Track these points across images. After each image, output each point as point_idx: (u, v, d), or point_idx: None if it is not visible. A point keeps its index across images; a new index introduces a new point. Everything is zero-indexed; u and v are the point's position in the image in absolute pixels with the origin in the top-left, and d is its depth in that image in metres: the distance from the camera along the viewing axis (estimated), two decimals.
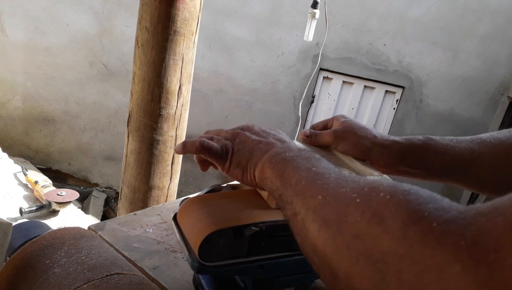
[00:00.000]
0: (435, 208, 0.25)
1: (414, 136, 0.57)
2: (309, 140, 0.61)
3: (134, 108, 1.31)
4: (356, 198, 0.31)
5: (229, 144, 0.48)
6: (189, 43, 1.26)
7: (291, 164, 0.40)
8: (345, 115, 0.62)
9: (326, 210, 0.32)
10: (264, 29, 2.94)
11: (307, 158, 0.41)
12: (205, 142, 0.47)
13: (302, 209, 0.34)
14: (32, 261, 0.46)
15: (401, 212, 0.26)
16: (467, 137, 0.57)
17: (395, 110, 3.14)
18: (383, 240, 0.26)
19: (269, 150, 0.44)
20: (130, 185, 1.38)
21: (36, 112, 3.18)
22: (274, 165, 0.41)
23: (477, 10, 2.82)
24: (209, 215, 0.43)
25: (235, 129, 0.50)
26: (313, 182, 0.36)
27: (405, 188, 0.29)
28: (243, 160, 0.46)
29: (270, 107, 3.13)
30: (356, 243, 0.28)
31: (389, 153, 0.55)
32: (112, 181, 3.37)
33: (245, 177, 0.46)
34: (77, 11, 2.91)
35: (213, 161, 0.48)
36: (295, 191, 0.37)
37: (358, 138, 0.56)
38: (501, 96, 2.99)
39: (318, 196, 0.34)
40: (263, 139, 0.47)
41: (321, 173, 0.37)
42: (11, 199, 1.78)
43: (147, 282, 0.46)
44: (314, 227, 0.32)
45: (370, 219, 0.28)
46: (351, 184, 0.33)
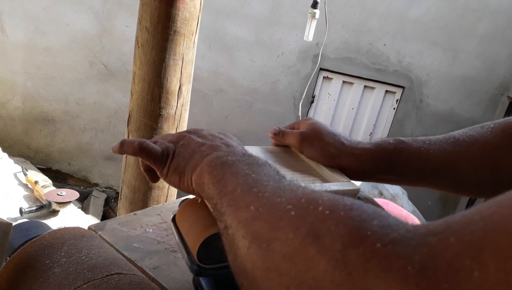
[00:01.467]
0: (380, 225, 0.22)
1: (385, 140, 0.53)
2: (275, 138, 0.58)
3: (134, 108, 1.31)
4: (290, 211, 0.27)
5: (171, 147, 0.44)
6: (189, 43, 1.26)
7: (230, 169, 0.36)
8: (313, 118, 0.58)
9: (257, 224, 0.28)
10: (264, 29, 2.95)
11: (249, 163, 0.37)
12: (144, 143, 0.43)
13: (233, 222, 0.30)
14: (32, 261, 0.46)
15: (342, 231, 0.23)
16: (440, 136, 0.54)
17: (395, 110, 3.14)
18: (317, 263, 0.22)
19: (210, 153, 0.40)
20: (130, 185, 1.38)
21: (36, 112, 3.18)
22: (213, 169, 0.37)
23: (477, 10, 2.82)
24: (207, 217, 0.43)
25: (182, 132, 0.46)
26: (249, 190, 0.32)
27: (346, 203, 0.25)
28: (182, 164, 0.41)
29: (270, 107, 3.13)
30: (287, 266, 0.24)
31: (358, 161, 0.52)
32: (112, 181, 3.37)
33: (182, 183, 0.41)
34: (77, 11, 2.91)
35: (152, 166, 0.44)
36: (230, 200, 0.32)
37: (325, 144, 0.52)
38: (501, 96, 2.99)
39: (251, 207, 0.29)
40: (207, 142, 0.42)
41: (260, 180, 0.33)
42: (11, 199, 1.78)
43: (147, 282, 0.46)
44: (244, 244, 0.28)
45: (304, 237, 0.24)
46: (288, 193, 0.29)
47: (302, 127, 0.57)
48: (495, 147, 0.50)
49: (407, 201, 1.97)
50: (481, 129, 0.53)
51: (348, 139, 0.54)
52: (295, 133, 0.55)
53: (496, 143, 0.51)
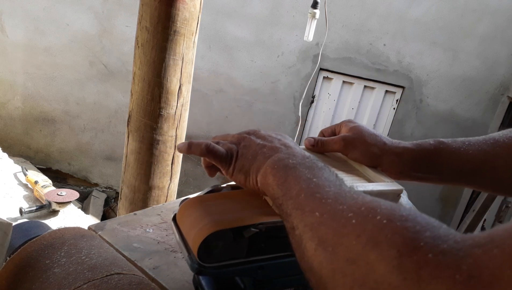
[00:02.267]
0: (432, 237, 0.24)
1: (425, 141, 0.56)
2: (315, 149, 0.59)
3: (134, 108, 1.31)
4: (352, 219, 0.29)
5: (234, 148, 0.47)
6: (189, 43, 1.26)
7: (293, 172, 0.39)
8: (353, 120, 0.60)
9: (322, 229, 0.31)
10: (264, 29, 2.94)
11: (309, 167, 0.39)
12: (210, 145, 0.46)
13: (300, 225, 0.33)
14: (32, 261, 0.46)
15: (397, 240, 0.25)
16: (479, 138, 0.56)
17: (395, 110, 3.14)
18: (377, 268, 0.25)
19: (272, 155, 0.43)
20: (130, 185, 1.38)
21: (36, 112, 3.18)
22: (276, 171, 0.40)
23: (477, 10, 2.82)
24: (208, 216, 0.43)
25: (241, 133, 0.49)
26: (312, 195, 0.35)
27: (403, 213, 0.27)
28: (246, 165, 0.45)
29: (270, 107, 3.13)
30: (351, 268, 0.27)
31: (400, 160, 0.54)
32: (112, 181, 3.37)
33: (247, 182, 0.45)
34: (77, 11, 2.91)
35: (218, 165, 0.47)
36: (295, 203, 0.35)
37: (368, 146, 0.55)
38: (501, 96, 2.99)
39: (316, 213, 0.32)
40: (267, 144, 0.46)
41: (322, 185, 0.36)
42: (11, 199, 1.78)
43: (147, 282, 0.46)
44: (311, 246, 0.31)
45: (365, 243, 0.27)
46: (349, 201, 0.32)
47: (343, 131, 0.58)
48: None
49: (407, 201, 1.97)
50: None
51: (390, 139, 0.56)
52: (336, 140, 0.57)
53: None
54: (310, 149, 0.59)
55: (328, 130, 0.62)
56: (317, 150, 0.59)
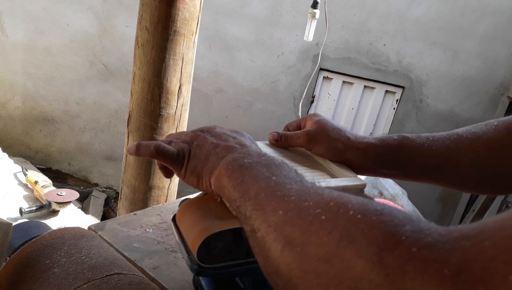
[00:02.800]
0: (412, 230, 0.23)
1: (389, 136, 0.55)
2: (278, 144, 0.57)
3: (134, 108, 1.31)
4: (320, 215, 0.27)
5: (186, 148, 0.44)
6: (189, 43, 1.26)
7: (249, 172, 0.36)
8: (318, 113, 0.58)
9: (288, 228, 0.29)
10: (264, 29, 2.94)
11: (267, 165, 0.37)
12: (160, 145, 0.43)
13: (262, 226, 0.31)
14: (32, 261, 0.46)
15: (376, 235, 0.24)
16: (443, 133, 0.55)
17: (395, 110, 3.14)
18: (355, 265, 0.23)
19: (226, 155, 0.40)
20: (130, 185, 1.38)
21: (36, 112, 3.18)
22: (231, 172, 0.38)
23: (477, 10, 2.82)
24: (208, 217, 0.43)
25: (195, 131, 0.47)
26: (273, 194, 0.33)
27: (377, 207, 0.26)
28: (198, 166, 0.42)
29: (270, 107, 3.13)
30: (324, 267, 0.25)
31: (364, 156, 0.53)
32: (112, 181, 3.37)
33: (200, 185, 0.42)
34: (77, 11, 2.91)
35: (169, 167, 0.44)
36: (254, 204, 0.33)
37: (331, 141, 0.53)
38: (501, 96, 2.99)
39: (279, 211, 0.30)
40: (221, 143, 0.43)
41: (282, 183, 0.34)
42: (11, 199, 1.78)
43: (147, 282, 0.46)
44: (276, 247, 0.29)
45: (339, 240, 0.25)
46: (314, 197, 0.30)
47: (308, 125, 0.57)
48: (498, 144, 0.51)
49: (407, 201, 1.97)
50: (485, 126, 0.54)
51: (353, 134, 0.55)
52: (300, 134, 0.55)
53: (499, 140, 0.51)
54: (273, 144, 0.57)
55: (293, 124, 0.60)
56: (280, 145, 0.57)
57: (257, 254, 0.32)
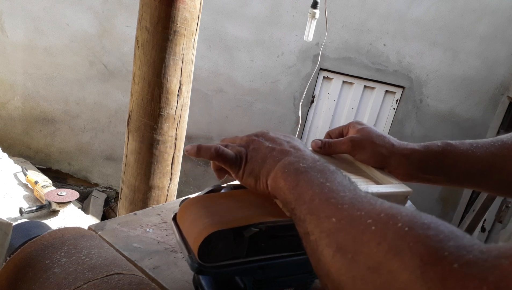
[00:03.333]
0: (456, 246, 0.24)
1: (432, 143, 0.56)
2: (322, 151, 0.58)
3: (134, 108, 1.31)
4: (371, 225, 0.29)
5: (243, 151, 0.46)
6: (189, 43, 1.26)
7: (304, 177, 0.38)
8: (361, 121, 0.60)
9: (340, 236, 0.30)
10: (264, 29, 2.94)
11: (321, 170, 0.39)
12: (220, 149, 0.46)
13: (315, 230, 0.33)
14: (32, 261, 0.46)
15: (420, 249, 0.25)
16: (487, 140, 0.55)
17: (395, 110, 3.14)
18: (400, 276, 0.24)
19: (282, 158, 0.42)
20: (130, 185, 1.38)
21: (36, 112, 3.18)
22: (287, 175, 0.40)
23: (477, 10, 2.82)
24: (208, 216, 0.43)
25: (250, 136, 0.49)
26: (327, 200, 0.34)
27: (424, 221, 0.27)
28: (256, 168, 0.44)
29: (270, 107, 3.13)
30: (373, 276, 0.26)
31: (408, 162, 0.54)
32: (112, 181, 3.37)
33: (258, 186, 0.44)
34: (77, 11, 2.91)
35: (227, 169, 0.47)
36: (309, 209, 0.35)
37: (376, 147, 0.55)
38: (501, 96, 2.99)
39: (332, 219, 0.32)
40: (276, 146, 0.45)
41: (335, 190, 0.35)
42: (11, 199, 1.78)
43: (147, 282, 0.46)
44: (328, 252, 0.30)
45: (386, 251, 0.26)
46: (367, 207, 0.31)
47: (350, 132, 0.58)
48: None
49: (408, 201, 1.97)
50: None
51: (397, 141, 0.56)
52: (344, 141, 0.57)
53: None
54: (317, 151, 0.58)
55: (335, 132, 0.61)
56: (324, 152, 0.58)
57: (309, 255, 0.34)
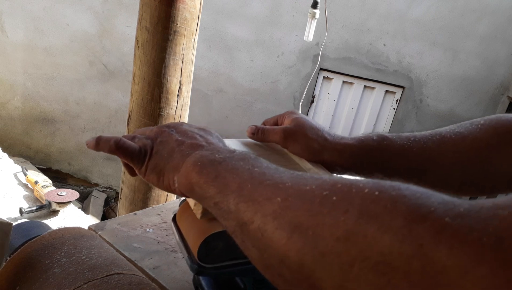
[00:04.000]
0: (439, 202, 0.22)
1: (368, 136, 0.53)
2: (255, 137, 0.56)
3: (134, 108, 1.31)
4: (330, 196, 0.26)
5: (149, 144, 0.42)
6: (189, 43, 1.26)
7: (224, 167, 0.35)
8: (296, 111, 0.57)
9: (292, 214, 0.27)
10: (264, 29, 2.94)
11: (242, 158, 0.36)
12: (121, 141, 0.41)
13: (256, 217, 0.29)
14: (32, 261, 0.46)
15: (401, 207, 0.23)
16: (426, 133, 0.53)
17: (395, 110, 3.14)
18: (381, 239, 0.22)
19: (191, 153, 0.38)
20: (130, 185, 1.38)
21: (36, 112, 3.18)
22: (201, 168, 0.36)
23: (477, 10, 2.82)
24: (208, 217, 0.43)
25: (161, 127, 0.44)
26: (261, 183, 0.31)
27: (392, 184, 0.25)
28: (160, 163, 0.40)
29: (270, 107, 3.13)
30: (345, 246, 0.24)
31: (341, 157, 0.51)
32: (112, 181, 3.37)
33: (161, 183, 0.40)
34: (77, 11, 2.91)
35: (130, 164, 0.42)
36: (240, 197, 0.31)
37: (308, 140, 0.52)
38: (501, 96, 2.99)
39: (276, 198, 0.29)
40: (186, 140, 0.41)
41: (267, 173, 0.32)
42: (11, 199, 1.78)
43: (147, 282, 0.46)
44: (280, 235, 0.27)
45: (357, 217, 0.24)
46: (314, 181, 0.29)
47: (285, 122, 0.56)
48: (484, 144, 0.50)
49: None
50: (470, 125, 0.53)
51: (331, 134, 0.54)
52: (277, 130, 0.54)
53: (485, 140, 0.50)
54: (250, 137, 0.57)
55: (270, 121, 0.59)
56: (257, 138, 0.57)
57: (249, 248, 0.30)
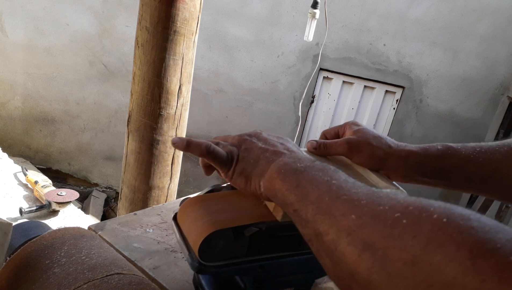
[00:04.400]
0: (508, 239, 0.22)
1: (432, 145, 0.54)
2: (318, 152, 0.57)
3: (134, 108, 1.31)
4: (401, 219, 0.27)
5: (235, 151, 0.45)
6: (189, 43, 1.26)
7: (305, 176, 0.37)
8: (357, 122, 0.58)
9: (365, 232, 0.29)
10: (264, 29, 2.94)
11: (322, 169, 0.37)
12: (211, 146, 0.45)
13: (331, 230, 0.31)
14: (32, 261, 0.46)
15: (468, 239, 0.23)
16: (492, 144, 0.53)
17: (395, 110, 3.14)
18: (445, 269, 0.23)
19: (276, 159, 0.41)
20: (130, 185, 1.38)
21: (36, 112, 3.18)
22: (284, 176, 0.38)
23: (477, 10, 2.82)
24: (209, 215, 0.43)
25: (242, 135, 0.48)
26: (339, 198, 0.33)
27: (462, 213, 0.26)
28: (247, 169, 0.43)
29: (270, 107, 3.13)
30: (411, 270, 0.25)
31: (405, 164, 0.52)
32: (112, 181, 3.37)
33: (248, 187, 0.43)
34: (77, 11, 2.91)
35: (217, 168, 0.46)
36: (318, 208, 0.33)
37: (373, 149, 0.53)
38: (501, 96, 2.99)
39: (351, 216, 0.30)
40: (269, 147, 0.44)
41: (345, 187, 0.34)
42: (11, 199, 1.78)
43: (147, 282, 0.46)
44: (352, 251, 0.29)
45: (425, 244, 0.25)
46: (388, 201, 0.30)
47: (347, 133, 0.57)
48: None
49: None
50: None
51: (395, 142, 0.55)
52: (340, 142, 0.55)
53: None
54: (312, 152, 0.57)
55: (330, 132, 0.60)
56: (319, 153, 0.57)
57: (323, 257, 0.32)
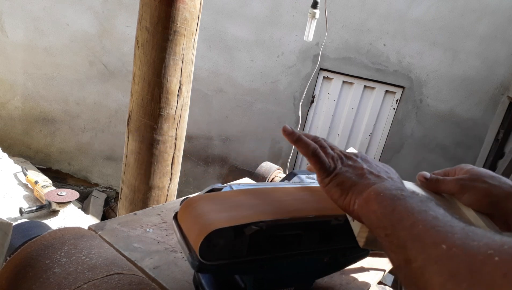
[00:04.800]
0: None
1: None
2: (427, 184, 0.55)
3: (134, 108, 1.31)
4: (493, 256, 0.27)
5: (338, 162, 0.47)
6: (189, 43, 1.26)
7: (403, 203, 0.37)
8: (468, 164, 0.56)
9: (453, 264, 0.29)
10: (264, 29, 2.94)
11: (422, 200, 0.37)
12: (317, 150, 0.47)
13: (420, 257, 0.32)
14: (32, 261, 0.46)
15: None
16: None
17: (395, 110, 3.14)
18: None
19: (377, 182, 0.42)
20: (130, 185, 1.38)
21: (36, 112, 3.18)
22: (382, 199, 0.39)
23: (477, 10, 2.82)
24: (209, 214, 0.43)
25: (350, 153, 0.49)
26: (433, 228, 0.33)
27: None
28: (346, 183, 0.44)
29: (270, 107, 3.13)
30: None
31: None
32: (112, 181, 3.37)
33: (341, 199, 0.44)
34: (77, 11, 2.91)
35: (316, 171, 0.47)
36: (410, 235, 0.34)
37: (491, 187, 0.50)
38: (501, 96, 2.99)
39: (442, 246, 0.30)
40: (373, 171, 0.45)
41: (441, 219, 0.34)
42: (11, 199, 1.78)
43: (147, 282, 0.46)
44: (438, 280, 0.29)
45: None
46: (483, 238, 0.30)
47: (458, 173, 0.55)
48: None
49: None
50: None
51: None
52: (451, 181, 0.53)
53: None
54: (422, 183, 0.56)
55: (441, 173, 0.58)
56: (429, 186, 0.56)
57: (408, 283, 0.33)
